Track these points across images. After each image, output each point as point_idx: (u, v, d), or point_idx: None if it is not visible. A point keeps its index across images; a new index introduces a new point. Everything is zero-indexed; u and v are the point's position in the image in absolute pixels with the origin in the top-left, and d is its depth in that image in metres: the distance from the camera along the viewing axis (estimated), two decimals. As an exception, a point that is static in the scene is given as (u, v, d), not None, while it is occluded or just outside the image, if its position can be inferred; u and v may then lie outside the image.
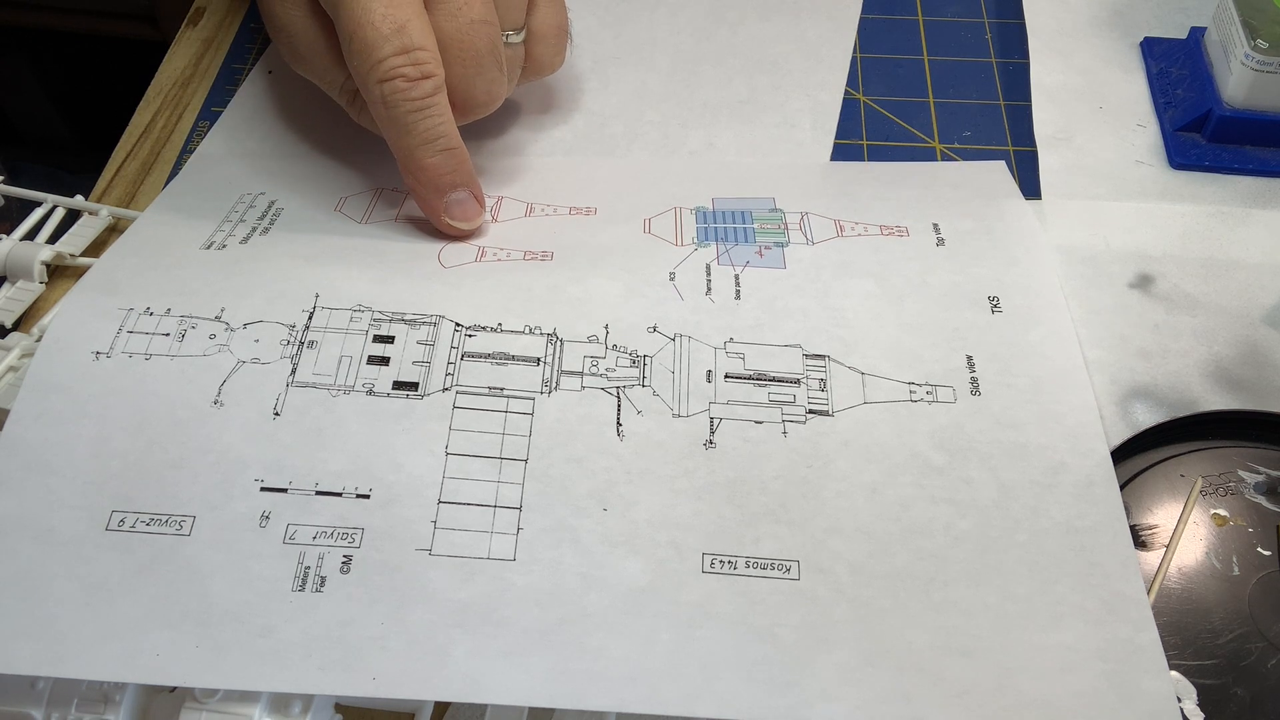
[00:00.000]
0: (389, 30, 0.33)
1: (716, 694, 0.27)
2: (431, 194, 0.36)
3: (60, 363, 0.32)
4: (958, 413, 0.32)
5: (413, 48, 0.34)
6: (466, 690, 0.27)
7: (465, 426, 0.31)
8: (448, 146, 0.35)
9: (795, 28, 0.48)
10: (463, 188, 0.36)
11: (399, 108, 0.34)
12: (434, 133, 0.35)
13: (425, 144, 0.35)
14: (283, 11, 0.38)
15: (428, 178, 0.36)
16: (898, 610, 0.28)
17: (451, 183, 0.36)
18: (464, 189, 0.36)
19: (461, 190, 0.36)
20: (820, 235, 0.37)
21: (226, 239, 0.37)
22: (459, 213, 0.37)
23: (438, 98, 0.35)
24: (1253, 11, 0.40)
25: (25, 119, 1.11)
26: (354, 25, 0.34)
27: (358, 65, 0.34)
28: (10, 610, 0.28)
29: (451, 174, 0.36)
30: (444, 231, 0.37)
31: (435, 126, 0.35)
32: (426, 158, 0.35)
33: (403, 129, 0.35)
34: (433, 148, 0.35)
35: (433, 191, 0.36)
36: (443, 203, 0.36)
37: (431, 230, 0.38)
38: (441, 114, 0.35)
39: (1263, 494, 0.32)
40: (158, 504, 0.30)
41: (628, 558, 0.29)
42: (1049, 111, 0.43)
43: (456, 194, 0.36)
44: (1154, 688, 0.27)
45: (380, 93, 0.34)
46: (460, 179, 0.36)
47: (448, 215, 0.37)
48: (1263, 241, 0.38)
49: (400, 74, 0.34)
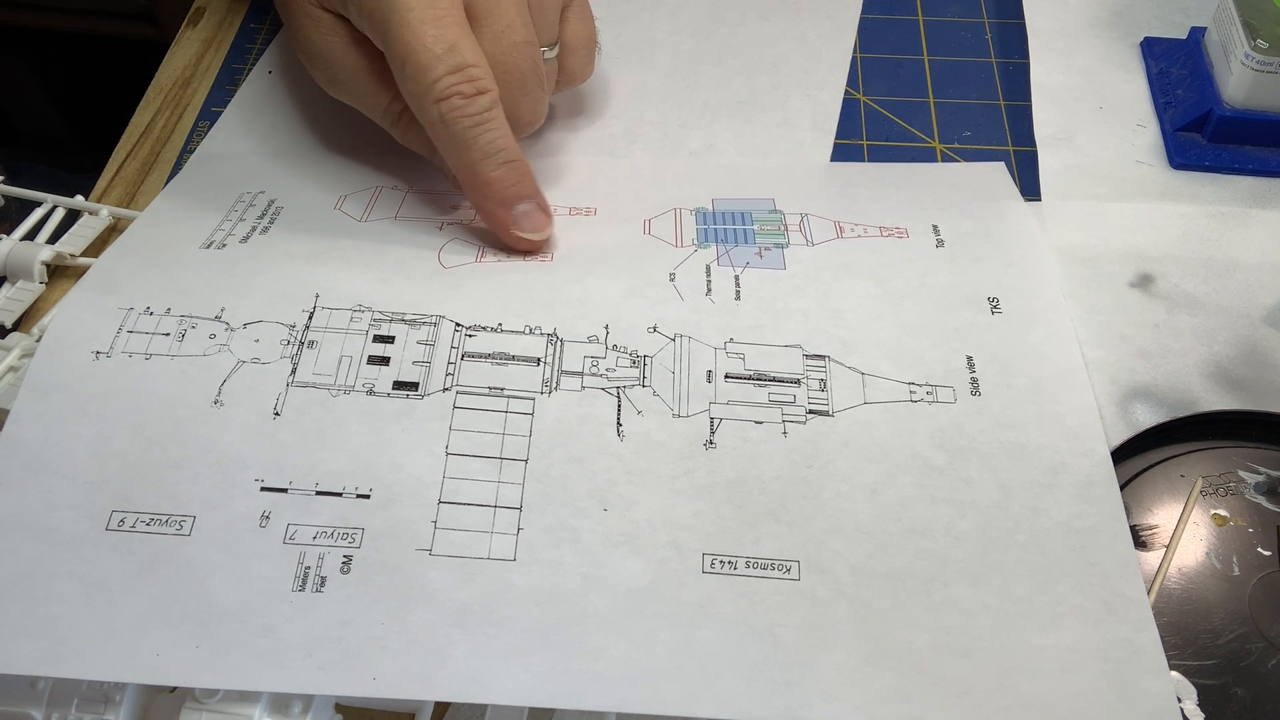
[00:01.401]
0: (441, 50, 0.34)
1: (716, 694, 0.27)
2: (499, 207, 0.36)
3: (60, 363, 0.32)
4: (958, 413, 0.32)
5: (466, 65, 0.34)
6: (466, 690, 0.27)
7: (465, 426, 0.31)
8: (509, 159, 0.35)
9: (795, 28, 0.48)
10: (528, 199, 0.36)
11: (458, 124, 0.34)
12: (494, 146, 0.35)
13: (487, 158, 0.35)
14: (320, 39, 0.38)
15: (493, 192, 0.36)
16: (898, 610, 0.28)
17: (517, 195, 0.36)
18: (530, 200, 0.36)
19: (528, 202, 0.36)
20: (820, 236, 0.37)
21: (226, 238, 0.37)
22: (528, 224, 0.36)
23: (495, 112, 0.35)
24: (1253, 11, 0.40)
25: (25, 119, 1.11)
26: (405, 49, 0.34)
27: (413, 88, 0.34)
28: (10, 610, 0.28)
29: (515, 186, 0.36)
30: (512, 245, 0.37)
31: (495, 140, 0.35)
32: (490, 171, 0.35)
33: (464, 145, 0.35)
34: (494, 161, 0.35)
35: (499, 205, 0.36)
36: (511, 215, 0.36)
37: (432, 230, 0.38)
38: (500, 127, 0.35)
39: (1263, 494, 0.32)
40: (158, 504, 0.30)
41: (628, 558, 0.29)
42: (1049, 112, 0.43)
43: (523, 205, 0.36)
44: (1154, 688, 0.27)
45: (438, 112, 0.34)
46: (525, 190, 0.36)
47: (516, 228, 0.36)
48: (1263, 241, 0.38)
49: (456, 91, 0.34)
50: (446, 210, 0.39)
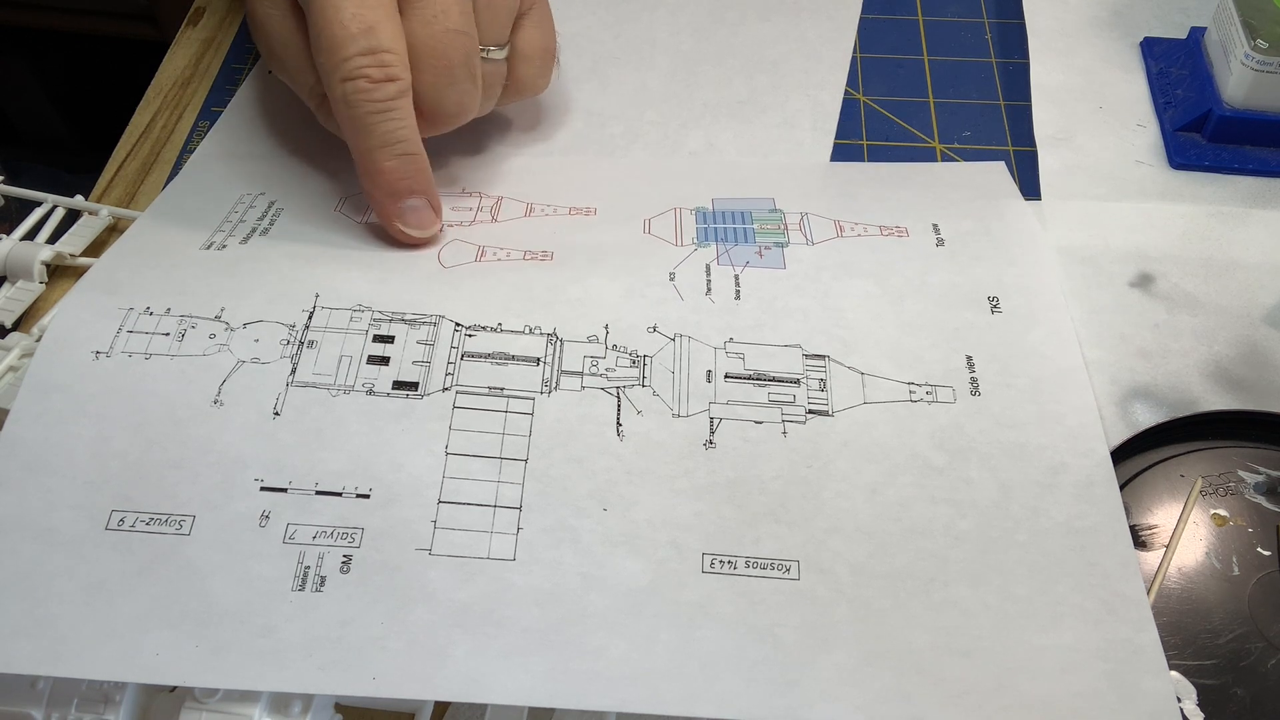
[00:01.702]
0: (357, 30, 0.33)
1: (716, 694, 0.27)
2: (386, 198, 0.35)
3: (60, 363, 0.32)
4: (958, 413, 0.32)
5: (379, 49, 0.33)
6: (466, 690, 0.27)
7: (465, 426, 0.31)
8: (406, 151, 0.35)
9: (795, 28, 0.48)
10: (419, 195, 0.36)
11: (359, 108, 0.34)
12: (393, 136, 0.34)
13: (384, 147, 0.34)
14: (262, 10, 0.37)
15: (384, 181, 0.35)
16: (898, 610, 0.28)
17: (408, 189, 0.35)
18: (420, 196, 0.36)
19: (418, 197, 0.36)
20: (820, 235, 0.37)
21: (226, 239, 0.37)
22: (413, 219, 0.36)
23: (400, 101, 0.34)
24: (1253, 11, 0.40)
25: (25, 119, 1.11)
26: (323, 23, 0.33)
27: (323, 63, 0.34)
28: (10, 610, 0.28)
29: (408, 179, 0.35)
30: (395, 238, 0.37)
31: (395, 130, 0.34)
32: (384, 161, 0.35)
33: (362, 130, 0.34)
34: (391, 151, 0.35)
35: (388, 196, 0.35)
36: (398, 208, 0.36)
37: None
38: (403, 118, 0.34)
39: (1263, 494, 0.32)
40: (158, 504, 0.30)
41: (628, 558, 0.29)
42: (1049, 111, 0.43)
43: (412, 200, 0.36)
44: (1154, 688, 0.27)
45: (342, 92, 0.34)
46: (417, 185, 0.35)
47: (400, 221, 0.36)
48: (1263, 241, 0.38)
49: (364, 74, 0.33)
50: (447, 212, 0.39)
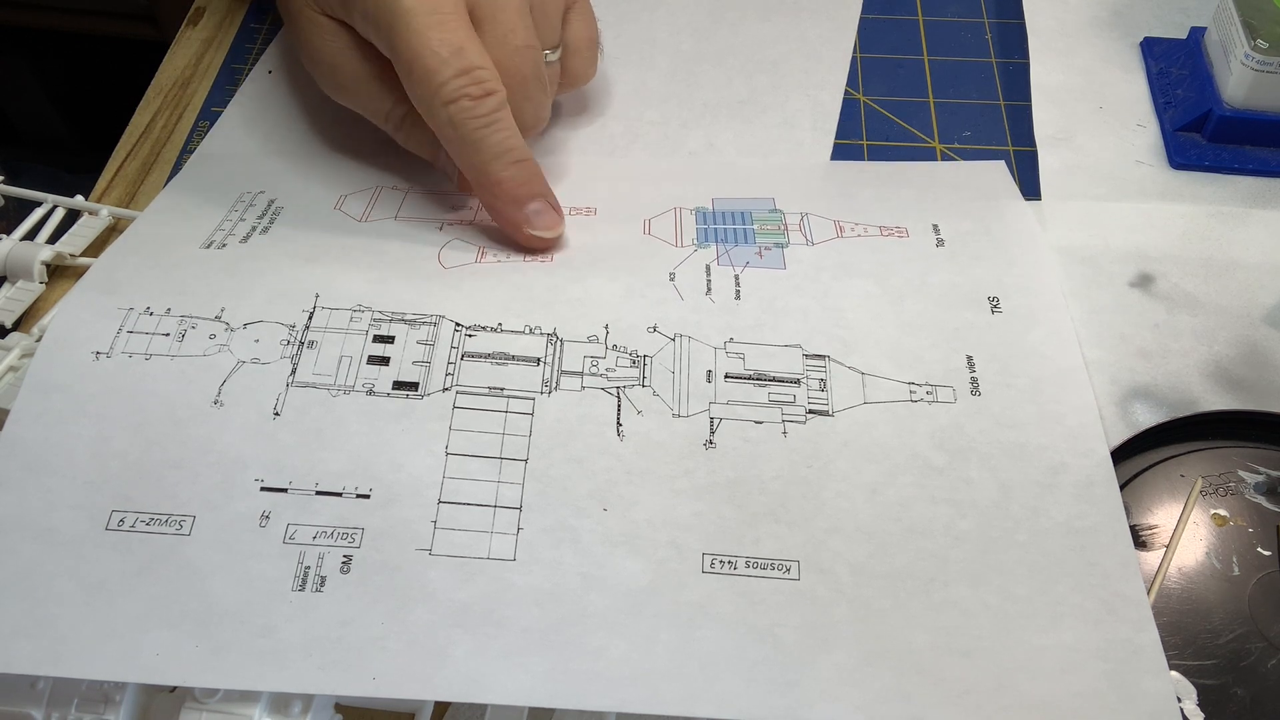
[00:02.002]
0: (448, 53, 0.34)
1: (716, 694, 0.27)
2: (511, 207, 0.36)
3: (60, 363, 0.32)
4: (958, 413, 0.32)
5: (473, 67, 0.34)
6: (466, 690, 0.27)
7: (465, 426, 0.31)
8: (520, 159, 0.36)
9: (795, 28, 0.48)
10: (540, 198, 0.36)
11: (467, 126, 0.34)
12: (504, 146, 0.35)
13: (498, 158, 0.35)
14: (324, 45, 0.38)
15: (504, 191, 0.36)
16: (898, 610, 0.28)
17: (529, 193, 0.36)
18: (540, 199, 0.36)
19: (539, 200, 0.36)
20: (820, 236, 0.37)
21: (226, 238, 0.37)
22: (540, 223, 0.36)
23: (503, 113, 0.35)
24: (1253, 11, 0.40)
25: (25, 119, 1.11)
26: (412, 54, 0.34)
27: (421, 92, 0.34)
28: (10, 610, 0.28)
29: (527, 185, 0.36)
30: (525, 244, 0.37)
31: (505, 140, 0.35)
32: (501, 171, 0.35)
33: (474, 147, 0.35)
34: (505, 160, 0.35)
35: (512, 204, 0.36)
36: (524, 214, 0.36)
37: (432, 230, 0.38)
38: (509, 128, 0.35)
39: (1263, 494, 0.32)
40: (158, 504, 0.30)
41: (628, 558, 0.29)
42: (1049, 111, 0.43)
43: (535, 204, 0.36)
44: (1154, 688, 0.27)
45: (448, 115, 0.34)
46: (537, 189, 0.36)
47: (529, 226, 0.36)
48: (1263, 241, 0.38)
49: (465, 94, 0.34)
50: (446, 210, 0.39)
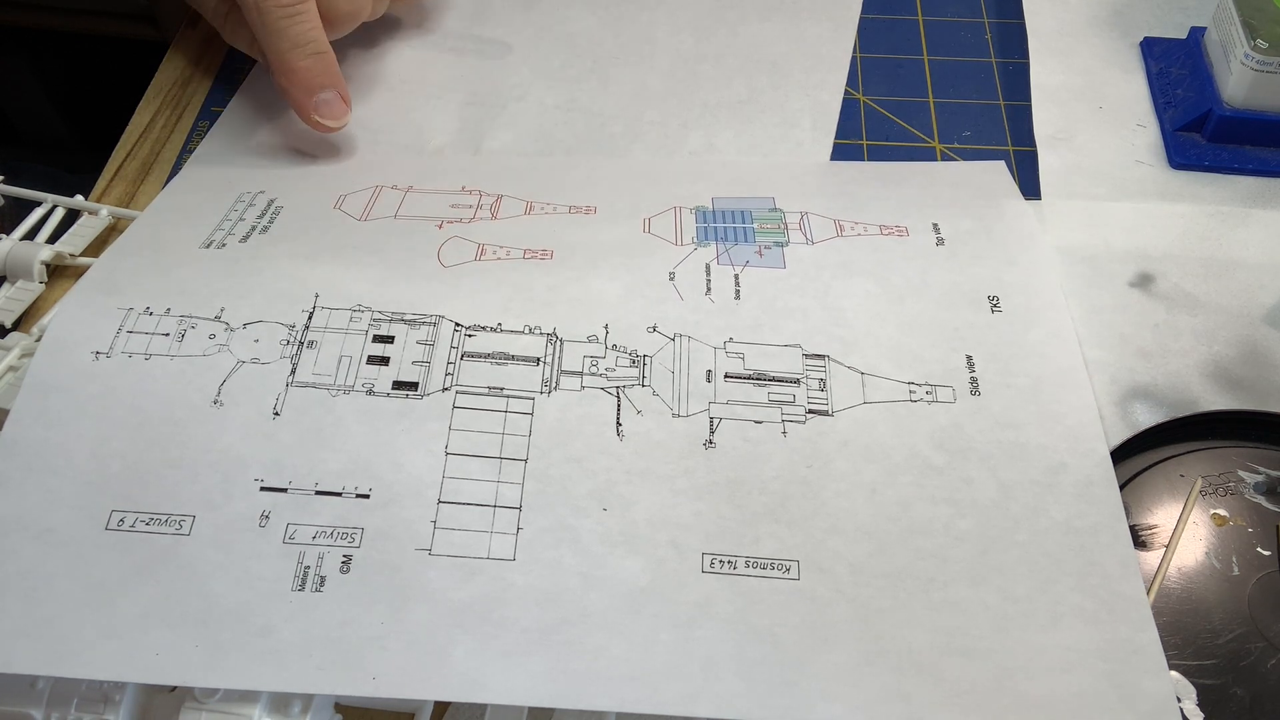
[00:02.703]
0: None
1: (716, 694, 0.27)
2: (302, 94, 0.40)
3: (60, 363, 0.32)
4: (957, 413, 0.32)
5: None
6: (466, 690, 0.27)
7: (465, 426, 0.31)
8: (317, 50, 0.39)
9: (795, 28, 0.48)
10: (330, 88, 0.40)
11: (271, 14, 0.38)
12: (305, 37, 0.39)
13: (296, 47, 0.39)
14: None
15: (299, 79, 0.39)
16: (898, 610, 0.28)
17: (321, 84, 0.40)
18: (331, 89, 0.40)
19: (329, 90, 0.40)
20: (820, 235, 0.37)
21: (226, 238, 0.37)
22: (327, 111, 0.40)
23: (306, 5, 0.39)
24: (1253, 11, 0.40)
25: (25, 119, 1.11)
26: None
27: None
28: (10, 610, 0.28)
29: (320, 76, 0.40)
30: (312, 128, 0.41)
31: (306, 32, 0.39)
32: (298, 61, 0.39)
33: (276, 34, 0.39)
34: (304, 51, 0.39)
35: (303, 91, 0.40)
36: (313, 102, 0.40)
37: (432, 229, 0.38)
38: (310, 20, 0.39)
39: (1263, 494, 0.32)
40: (157, 504, 0.30)
41: (628, 558, 0.29)
42: (1049, 111, 0.43)
43: (325, 94, 0.40)
44: (1154, 688, 0.27)
45: (255, 2, 0.38)
46: (329, 80, 0.40)
47: (316, 114, 0.40)
48: (1263, 241, 0.38)
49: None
50: (446, 209, 0.39)
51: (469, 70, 0.47)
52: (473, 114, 0.45)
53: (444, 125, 0.44)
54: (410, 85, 0.46)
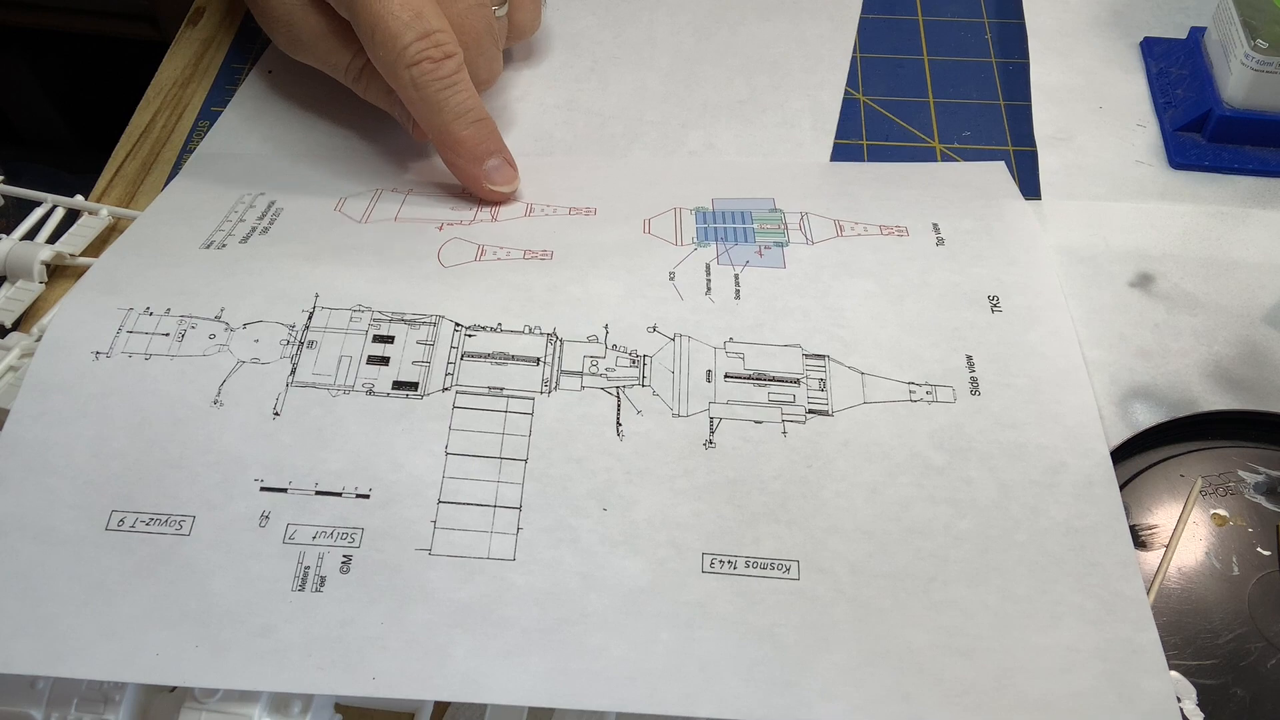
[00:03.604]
0: (409, 17, 0.36)
1: (716, 694, 0.27)
2: (471, 163, 0.39)
3: (60, 363, 0.32)
4: (957, 413, 0.32)
5: (433, 30, 0.36)
6: (466, 690, 0.27)
7: (465, 426, 0.31)
8: (478, 118, 0.38)
9: (795, 28, 0.48)
10: (497, 154, 0.39)
11: (429, 88, 0.37)
12: (464, 106, 0.38)
13: (458, 118, 0.38)
14: (279, 3, 0.40)
15: (465, 149, 0.38)
16: (897, 610, 0.28)
17: (487, 151, 0.39)
18: (498, 155, 0.39)
19: (496, 157, 0.39)
20: (820, 235, 0.37)
21: (226, 238, 0.37)
22: (499, 178, 0.39)
23: (462, 74, 0.38)
24: (1253, 11, 0.40)
25: (25, 119, 1.11)
26: (374, 18, 0.36)
27: (384, 54, 0.37)
28: (10, 610, 0.28)
29: (485, 143, 0.39)
30: (484, 198, 0.40)
31: (464, 101, 0.38)
32: (461, 130, 0.38)
33: (435, 107, 0.37)
34: (465, 120, 0.38)
35: (471, 161, 0.39)
36: (482, 170, 0.39)
37: (432, 230, 0.38)
38: (468, 89, 0.38)
39: (1263, 494, 0.32)
40: (157, 504, 0.30)
41: (628, 558, 0.29)
42: (1049, 111, 0.43)
43: (493, 161, 0.39)
44: (1154, 688, 0.27)
45: (410, 77, 0.37)
46: (494, 146, 0.39)
47: (488, 181, 0.39)
48: (1263, 241, 0.38)
49: (426, 56, 0.36)
50: (447, 210, 0.40)
51: (469, 70, 0.47)
52: (473, 114, 0.45)
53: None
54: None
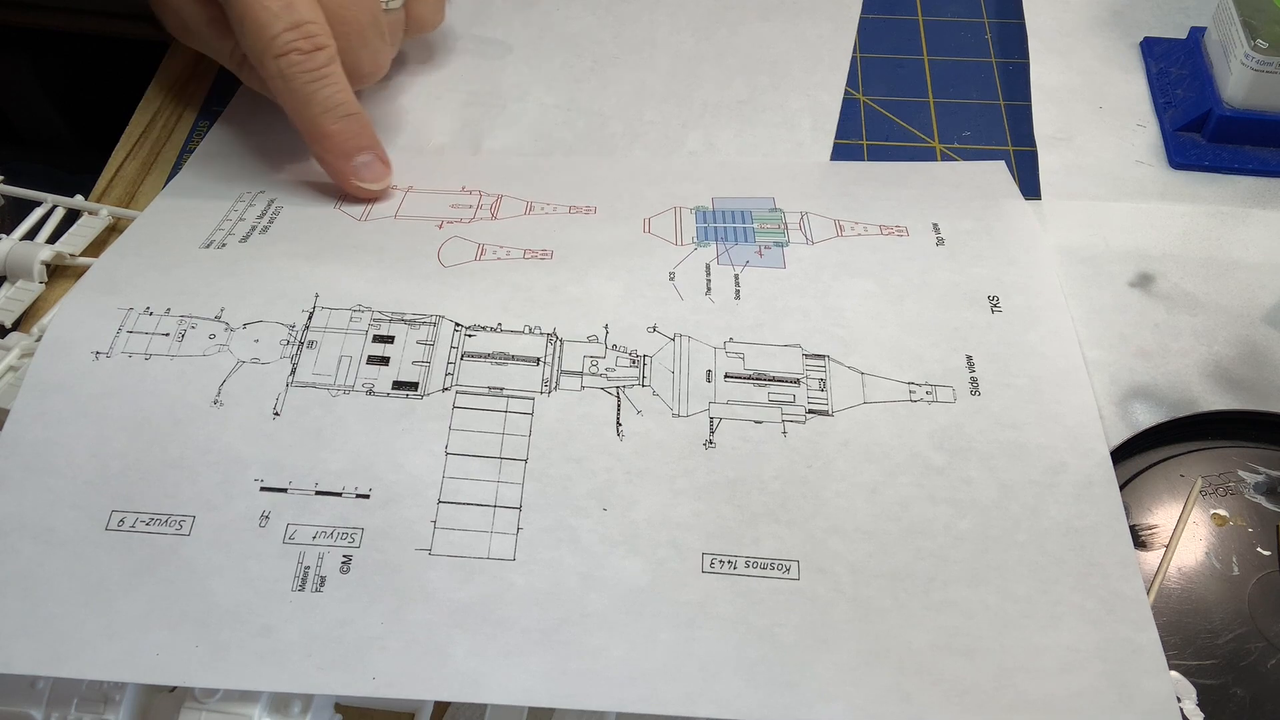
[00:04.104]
0: (278, 8, 0.35)
1: (716, 694, 0.27)
2: (339, 159, 0.38)
3: (60, 363, 0.32)
4: (957, 413, 0.32)
5: (303, 22, 0.36)
6: (466, 690, 0.27)
7: (465, 426, 0.31)
8: (348, 112, 0.37)
9: (795, 28, 0.48)
10: (367, 150, 0.38)
11: (297, 80, 0.36)
12: (333, 100, 0.37)
13: (326, 112, 0.37)
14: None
15: (333, 144, 0.37)
16: (898, 610, 0.28)
17: (357, 146, 0.38)
18: (369, 151, 0.38)
19: (367, 153, 0.38)
20: (820, 235, 0.37)
21: (226, 238, 0.37)
22: (368, 174, 0.38)
23: (332, 67, 0.37)
24: (1253, 11, 0.40)
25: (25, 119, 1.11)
26: (244, 7, 0.35)
27: (252, 44, 0.36)
28: (10, 610, 0.28)
29: (355, 138, 0.38)
30: (353, 194, 0.39)
31: (334, 95, 0.37)
32: (330, 125, 0.37)
33: (303, 100, 0.37)
34: (334, 115, 0.37)
35: (340, 157, 0.38)
36: (351, 166, 0.38)
37: (432, 229, 0.38)
38: (338, 82, 0.37)
39: (1263, 494, 0.32)
40: (158, 504, 0.30)
41: (627, 558, 0.29)
42: (1049, 111, 0.43)
43: (362, 157, 0.38)
44: (1154, 688, 0.27)
45: (277, 68, 0.36)
46: (365, 142, 0.38)
47: (356, 179, 0.38)
48: (1263, 241, 0.38)
49: (294, 48, 0.36)
50: (446, 209, 0.39)
51: (469, 70, 0.47)
52: (473, 114, 0.45)
53: (444, 125, 0.44)
54: (410, 85, 0.46)
